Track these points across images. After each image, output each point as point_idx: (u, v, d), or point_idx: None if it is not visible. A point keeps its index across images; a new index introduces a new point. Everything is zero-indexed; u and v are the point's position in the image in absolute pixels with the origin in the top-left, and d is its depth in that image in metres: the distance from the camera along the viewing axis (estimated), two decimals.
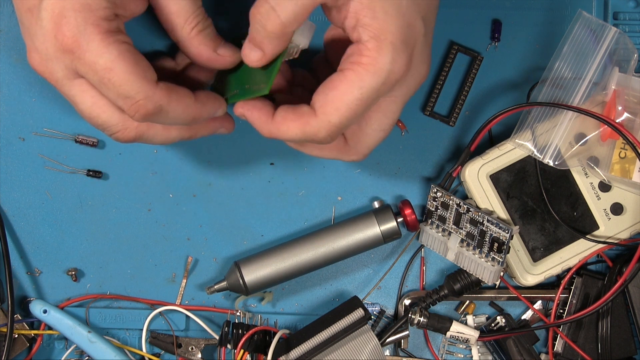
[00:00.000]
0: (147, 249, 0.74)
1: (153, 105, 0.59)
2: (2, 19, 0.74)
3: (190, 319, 0.74)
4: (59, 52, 0.58)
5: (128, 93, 0.58)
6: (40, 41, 0.58)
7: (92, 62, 0.57)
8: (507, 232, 0.68)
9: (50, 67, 0.59)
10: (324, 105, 0.59)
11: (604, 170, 0.71)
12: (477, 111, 0.75)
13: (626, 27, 0.74)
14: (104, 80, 0.58)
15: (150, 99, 0.59)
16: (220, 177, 0.74)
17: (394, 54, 0.57)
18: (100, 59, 0.57)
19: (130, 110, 0.59)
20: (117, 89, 0.58)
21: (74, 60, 0.58)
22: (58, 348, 0.74)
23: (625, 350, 0.72)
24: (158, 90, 0.59)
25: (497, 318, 0.74)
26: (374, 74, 0.58)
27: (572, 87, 0.69)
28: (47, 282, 0.74)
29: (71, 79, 0.60)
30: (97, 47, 0.57)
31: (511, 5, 0.75)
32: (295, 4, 0.57)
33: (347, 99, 0.58)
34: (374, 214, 0.72)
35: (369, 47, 0.58)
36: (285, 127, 0.61)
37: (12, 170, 0.74)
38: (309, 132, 0.60)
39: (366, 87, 0.58)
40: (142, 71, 0.59)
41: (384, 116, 0.63)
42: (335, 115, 0.59)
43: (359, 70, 0.58)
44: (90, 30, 0.57)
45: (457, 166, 0.71)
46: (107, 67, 0.57)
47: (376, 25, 0.57)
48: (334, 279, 0.75)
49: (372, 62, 0.58)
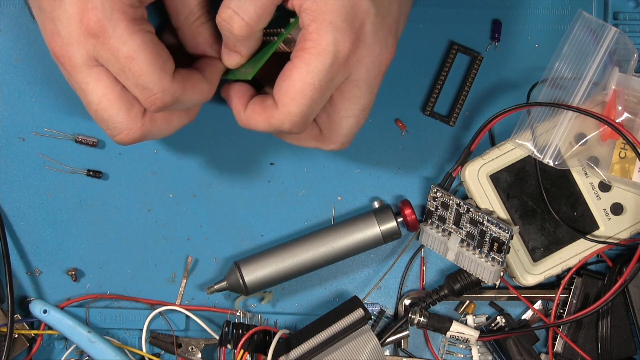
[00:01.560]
0: (147, 249, 0.74)
1: (170, 98, 0.60)
2: (2, 19, 0.74)
3: (190, 319, 0.74)
4: (83, 37, 0.58)
5: (146, 84, 0.59)
6: (64, 25, 0.58)
7: (115, 48, 0.58)
8: (507, 232, 0.68)
9: (70, 52, 0.59)
10: (281, 97, 0.60)
11: (604, 170, 0.71)
12: (477, 111, 0.75)
13: (626, 27, 0.74)
14: (125, 68, 0.58)
15: (167, 92, 0.59)
16: (220, 177, 0.74)
17: (336, 34, 0.58)
18: (124, 46, 0.58)
19: (147, 102, 0.59)
20: (137, 79, 0.58)
21: (97, 45, 0.58)
22: (58, 348, 0.74)
23: (625, 350, 0.72)
24: (175, 83, 0.60)
25: (497, 318, 0.74)
26: (318, 56, 0.58)
27: (572, 87, 0.69)
28: (47, 282, 0.74)
29: (90, 66, 0.59)
30: (121, 33, 0.57)
31: (511, 5, 0.75)
32: (255, 6, 0.58)
33: (299, 86, 0.59)
34: (374, 214, 0.72)
35: (310, 31, 0.58)
36: (254, 120, 0.62)
37: (12, 170, 0.74)
38: (274, 124, 0.61)
39: (315, 71, 0.58)
40: (162, 63, 0.59)
41: (350, 102, 0.62)
42: (292, 105, 0.60)
43: (305, 56, 0.58)
44: (116, 17, 0.57)
45: (457, 166, 0.71)
46: (130, 56, 0.58)
47: (315, 7, 0.58)
48: (334, 279, 0.75)
49: (314, 45, 0.58)
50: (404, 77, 0.74)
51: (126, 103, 0.60)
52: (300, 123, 0.61)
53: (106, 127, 0.62)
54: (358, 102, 0.62)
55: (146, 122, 0.62)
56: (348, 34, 0.58)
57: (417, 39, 0.74)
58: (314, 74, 0.58)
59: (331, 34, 0.58)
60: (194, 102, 0.62)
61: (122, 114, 0.61)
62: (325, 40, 0.58)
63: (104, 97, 0.60)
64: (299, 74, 0.59)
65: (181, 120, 0.65)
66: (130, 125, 0.61)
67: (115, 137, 0.62)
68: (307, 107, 0.60)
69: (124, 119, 0.61)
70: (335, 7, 0.58)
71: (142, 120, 0.61)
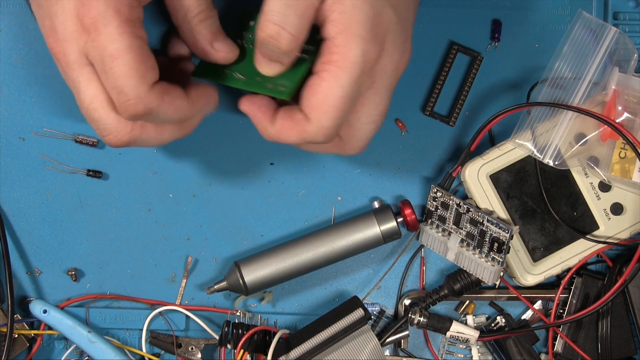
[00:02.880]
0: (147, 249, 0.74)
1: (143, 107, 0.59)
2: (2, 19, 0.74)
3: (190, 319, 0.74)
4: (77, 32, 0.58)
5: (123, 88, 0.58)
6: (61, 20, 0.58)
7: (102, 46, 0.57)
8: (507, 232, 0.68)
9: (65, 48, 0.59)
10: (313, 111, 0.60)
11: (604, 170, 0.71)
12: (477, 111, 0.75)
13: (626, 27, 0.74)
14: (107, 67, 0.58)
15: (142, 100, 0.59)
16: (220, 177, 0.74)
17: (364, 45, 0.58)
18: (110, 44, 0.57)
19: (121, 107, 0.59)
20: (115, 80, 0.58)
21: (88, 41, 0.58)
22: (58, 348, 0.74)
23: (625, 350, 0.72)
24: (152, 93, 0.59)
25: (497, 318, 0.74)
26: (347, 69, 0.58)
27: (572, 87, 0.69)
28: (47, 282, 0.74)
29: (82, 64, 0.59)
30: (111, 32, 0.57)
31: (511, 5, 0.75)
32: (299, 18, 0.57)
33: (332, 100, 0.59)
34: (374, 214, 0.72)
35: (337, 44, 0.58)
36: (284, 134, 0.61)
37: (12, 170, 0.74)
38: (307, 138, 0.61)
39: (345, 84, 0.58)
40: (144, 70, 0.58)
41: (370, 108, 0.62)
42: (325, 118, 0.59)
43: (332, 69, 0.58)
44: (110, 14, 0.57)
45: (457, 166, 0.71)
46: (113, 55, 0.57)
47: (343, 19, 0.57)
48: (334, 279, 0.75)
49: (342, 58, 0.58)
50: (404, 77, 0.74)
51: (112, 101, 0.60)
52: (332, 134, 0.61)
53: (96, 127, 0.61)
54: (377, 108, 0.63)
55: (136, 128, 0.61)
56: (374, 44, 0.58)
57: (417, 39, 0.73)
58: (344, 87, 0.58)
59: (359, 46, 0.58)
60: (169, 117, 0.61)
61: (112, 116, 0.60)
62: (354, 52, 0.58)
63: (96, 98, 0.60)
64: (330, 88, 0.58)
65: (173, 134, 0.64)
66: (119, 129, 0.61)
67: (104, 137, 0.62)
68: (339, 119, 0.60)
69: (114, 121, 0.61)
70: (362, 19, 0.57)
71: (132, 125, 0.61)
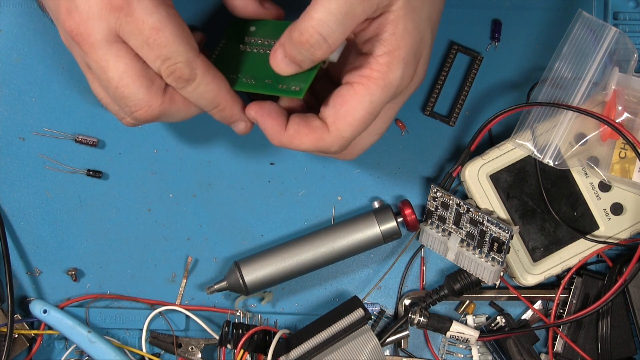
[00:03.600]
0: (147, 249, 0.74)
1: (190, 71, 0.60)
2: (2, 19, 0.74)
3: (190, 319, 0.74)
4: (105, 10, 0.58)
5: (171, 54, 0.58)
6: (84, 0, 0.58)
7: (141, 20, 0.57)
8: (507, 232, 0.68)
9: (90, 28, 0.59)
10: (336, 121, 0.60)
11: (604, 170, 0.71)
12: (477, 111, 0.75)
13: (626, 27, 0.74)
14: (150, 40, 0.58)
15: (190, 64, 0.59)
16: (220, 177, 0.74)
17: (404, 69, 0.58)
18: (150, 17, 0.57)
19: (167, 70, 0.59)
20: (161, 49, 0.58)
21: (121, 17, 0.58)
22: (58, 348, 0.74)
23: (625, 350, 0.72)
24: (198, 59, 0.60)
25: (497, 318, 0.74)
26: (383, 88, 0.58)
27: (572, 87, 0.69)
28: (47, 282, 0.74)
29: (110, 42, 0.59)
30: (147, 5, 0.57)
31: (511, 5, 0.75)
32: (343, 32, 0.57)
33: (359, 114, 0.59)
34: (374, 214, 0.72)
35: (381, 62, 0.58)
36: (298, 141, 0.61)
37: (12, 170, 0.74)
38: (321, 146, 0.61)
39: (376, 101, 0.59)
40: (187, 37, 0.59)
41: (381, 121, 0.63)
42: (348, 130, 0.60)
43: (369, 84, 0.58)
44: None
45: (457, 166, 0.71)
46: (156, 27, 0.58)
47: (392, 41, 0.58)
48: (334, 279, 0.75)
49: (382, 76, 0.58)
50: None
51: (147, 79, 0.60)
52: (347, 146, 0.61)
53: (126, 103, 0.61)
54: (388, 121, 0.63)
55: (166, 100, 0.62)
56: (412, 68, 0.59)
57: None
58: (374, 104, 0.59)
59: (401, 70, 0.58)
60: (209, 92, 0.61)
61: (143, 90, 0.60)
62: (394, 74, 0.58)
63: (125, 74, 0.60)
64: (361, 103, 0.59)
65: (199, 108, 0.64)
66: (150, 102, 0.61)
67: (134, 112, 0.61)
68: (359, 132, 0.60)
69: (145, 95, 0.61)
70: (410, 44, 0.58)
71: (162, 97, 0.61)
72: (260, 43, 0.65)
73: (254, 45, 0.65)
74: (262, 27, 0.66)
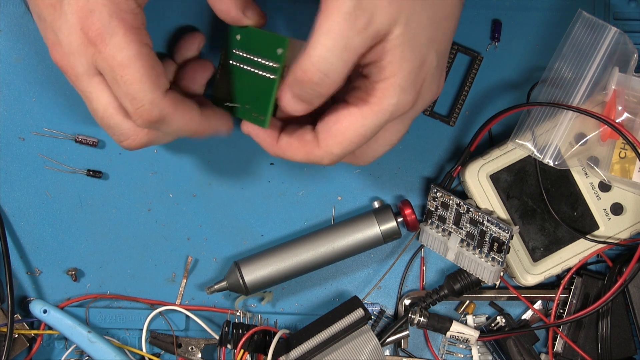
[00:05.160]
0: (147, 249, 0.74)
1: (158, 113, 0.59)
2: (2, 19, 0.74)
3: (190, 319, 0.74)
4: (83, 46, 0.58)
5: (136, 94, 0.58)
6: (65, 35, 0.59)
7: (110, 56, 0.58)
8: (507, 232, 0.68)
9: (72, 62, 0.59)
10: (327, 138, 0.60)
11: (604, 170, 0.71)
12: (477, 111, 0.75)
13: (626, 27, 0.74)
14: (117, 76, 0.58)
15: (156, 105, 0.59)
16: (220, 177, 0.74)
17: (401, 95, 0.58)
18: (119, 53, 0.58)
19: (135, 113, 0.59)
20: (127, 88, 0.58)
21: (95, 53, 0.58)
22: (58, 348, 0.74)
23: (625, 350, 0.73)
24: (166, 98, 0.60)
25: (497, 318, 0.74)
26: (377, 113, 0.58)
27: (572, 87, 0.69)
28: (47, 282, 0.74)
29: (91, 75, 0.60)
30: (118, 41, 0.57)
31: (511, 5, 0.75)
32: (344, 66, 0.57)
33: (349, 135, 0.59)
34: (374, 214, 0.72)
35: (377, 88, 0.58)
36: (290, 152, 0.62)
37: (12, 170, 0.74)
38: (312, 159, 0.62)
39: (369, 125, 0.59)
40: (155, 76, 0.59)
41: (391, 134, 0.63)
42: (337, 148, 0.60)
43: (364, 108, 0.59)
44: (115, 24, 0.57)
45: (457, 166, 0.71)
46: (123, 64, 0.58)
47: (390, 68, 0.57)
48: (334, 279, 0.75)
49: (377, 102, 0.58)
50: None
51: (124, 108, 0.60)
52: (337, 161, 0.62)
53: (112, 133, 0.62)
54: (398, 135, 0.63)
55: (152, 130, 0.62)
56: (411, 94, 0.59)
57: None
58: (367, 127, 0.59)
59: (397, 96, 0.58)
60: (181, 126, 0.62)
61: (128, 121, 0.61)
62: (389, 101, 0.58)
63: (109, 105, 0.60)
64: (352, 123, 0.59)
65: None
66: (137, 132, 0.62)
67: (121, 142, 0.62)
68: (349, 151, 0.60)
69: (131, 126, 0.61)
70: (408, 71, 0.58)
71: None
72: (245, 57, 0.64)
73: (239, 59, 0.65)
74: (246, 37, 0.64)
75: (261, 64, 0.63)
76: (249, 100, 0.64)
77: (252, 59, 0.63)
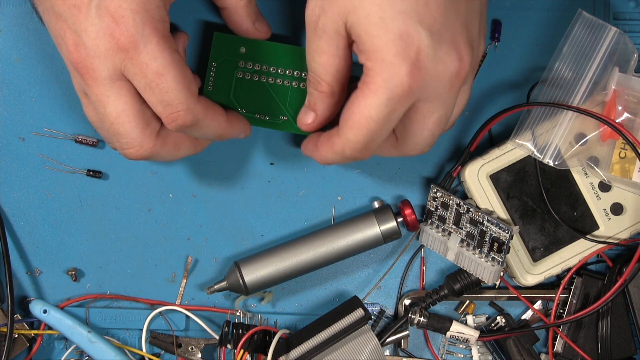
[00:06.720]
0: (147, 249, 0.74)
1: (192, 118, 0.61)
2: (2, 19, 0.74)
3: (190, 319, 0.74)
4: (111, 50, 0.58)
5: (172, 101, 0.60)
6: (92, 37, 0.59)
7: (145, 64, 0.58)
8: (507, 232, 0.68)
9: (96, 65, 0.59)
10: (342, 125, 0.61)
11: (604, 170, 0.71)
12: (477, 111, 0.75)
13: (626, 27, 0.74)
14: (152, 84, 0.59)
15: (191, 111, 0.61)
16: (220, 177, 0.74)
17: (389, 70, 0.58)
18: (154, 62, 0.59)
19: (169, 117, 0.60)
20: (163, 95, 0.59)
21: (126, 59, 0.59)
22: (58, 348, 0.74)
23: (625, 350, 0.73)
24: (199, 104, 0.61)
25: (497, 318, 0.74)
26: (375, 92, 0.59)
27: (572, 87, 0.69)
28: (47, 282, 0.74)
29: (114, 79, 0.60)
30: (153, 49, 0.58)
31: (511, 5, 0.75)
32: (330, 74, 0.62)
33: (358, 118, 0.60)
34: (374, 214, 0.72)
35: (367, 68, 0.59)
36: (323, 153, 0.64)
37: (12, 170, 0.74)
38: (336, 150, 0.62)
39: (372, 105, 0.59)
40: (189, 82, 0.60)
41: (423, 116, 0.62)
42: (351, 133, 0.60)
43: (364, 90, 0.59)
44: (148, 32, 0.58)
45: (457, 166, 0.71)
46: (159, 72, 0.59)
47: (369, 46, 0.58)
48: (334, 279, 0.75)
49: (372, 80, 0.59)
50: None
51: (143, 121, 0.61)
52: (361, 150, 0.62)
53: (118, 139, 0.62)
54: (432, 116, 0.62)
55: (158, 143, 0.63)
56: (402, 67, 0.58)
57: None
58: (372, 108, 0.59)
59: (385, 71, 0.58)
60: (210, 130, 0.64)
61: (137, 131, 0.62)
62: (381, 76, 0.58)
63: (124, 112, 0.61)
64: (358, 106, 0.60)
65: (188, 150, 0.66)
66: (143, 143, 0.62)
67: (124, 150, 0.63)
68: (365, 137, 0.60)
69: (139, 135, 0.62)
70: (384, 44, 0.58)
71: (155, 140, 0.63)
72: (258, 70, 0.68)
73: (250, 71, 0.68)
74: (252, 49, 0.68)
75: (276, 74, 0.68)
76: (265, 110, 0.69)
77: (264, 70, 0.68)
